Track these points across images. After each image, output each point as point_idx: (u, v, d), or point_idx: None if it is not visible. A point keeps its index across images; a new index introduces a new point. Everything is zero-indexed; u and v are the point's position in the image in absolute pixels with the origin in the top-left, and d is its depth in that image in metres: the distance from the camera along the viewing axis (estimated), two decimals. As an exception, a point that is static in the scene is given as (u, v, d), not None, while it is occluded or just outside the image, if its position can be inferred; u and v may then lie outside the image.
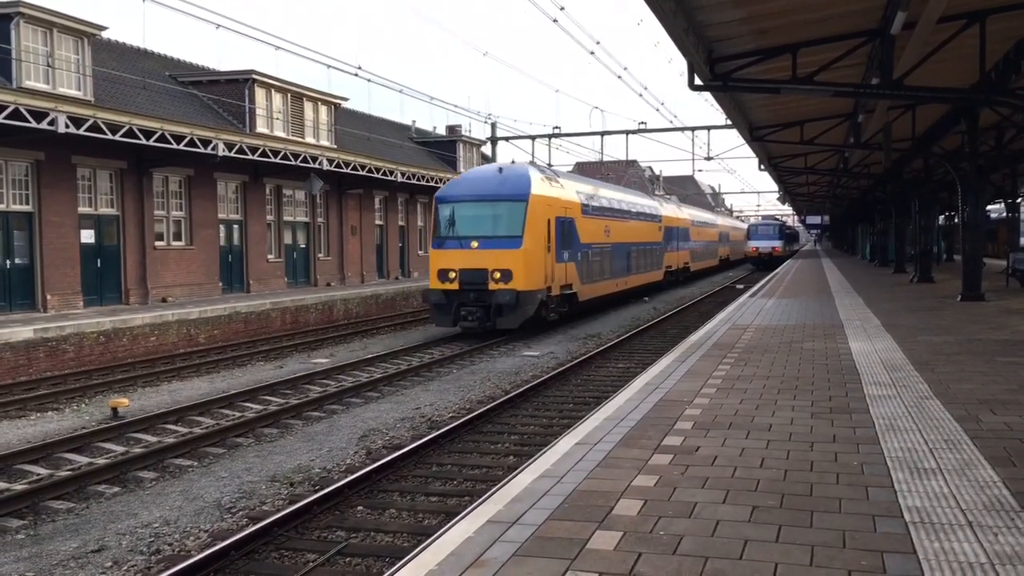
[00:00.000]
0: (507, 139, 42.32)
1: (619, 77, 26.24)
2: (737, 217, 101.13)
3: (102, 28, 23.24)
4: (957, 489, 5.11)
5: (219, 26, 18.60)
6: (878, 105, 18.58)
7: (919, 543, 4.25)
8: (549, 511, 4.94)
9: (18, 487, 9.14)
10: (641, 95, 30.00)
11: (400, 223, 38.25)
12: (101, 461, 10.21)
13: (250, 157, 24.82)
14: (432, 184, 34.80)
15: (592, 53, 23.38)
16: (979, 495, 4.99)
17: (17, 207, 20.39)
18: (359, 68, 22.64)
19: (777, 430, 6.82)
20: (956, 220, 40.73)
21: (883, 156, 23.25)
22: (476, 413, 11.90)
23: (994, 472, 5.43)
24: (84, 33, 22.48)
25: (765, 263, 61.84)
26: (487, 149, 45.18)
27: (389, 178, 32.34)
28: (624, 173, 67.37)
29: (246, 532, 7.27)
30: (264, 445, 10.93)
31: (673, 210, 41.57)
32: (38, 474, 9.85)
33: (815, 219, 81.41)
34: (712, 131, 39.21)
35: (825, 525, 4.57)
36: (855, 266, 43.27)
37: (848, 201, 54.20)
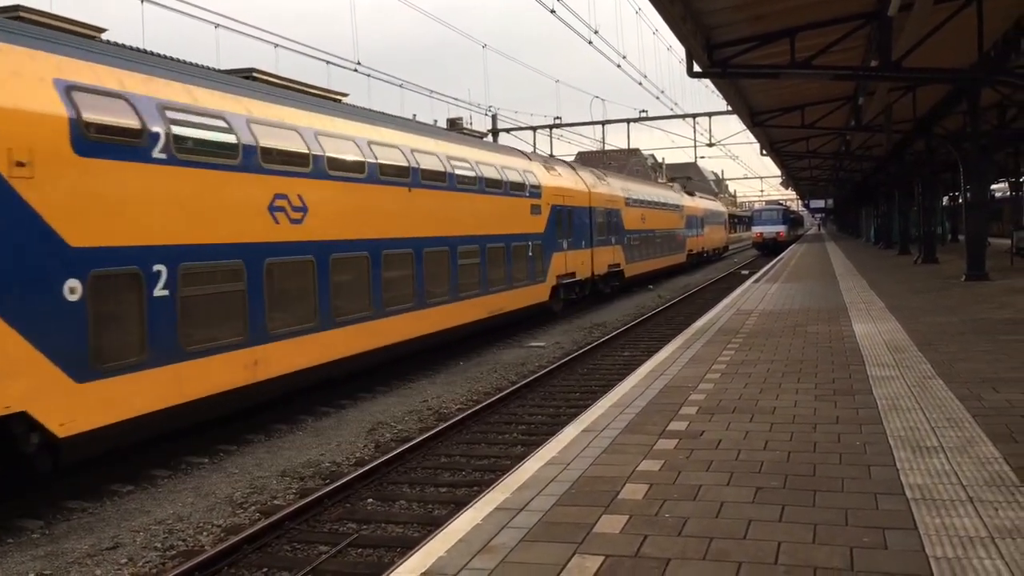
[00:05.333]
0: (508, 131, 42.28)
1: (618, 66, 26.23)
2: (719, 198, 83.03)
3: (102, 30, 23.21)
4: (959, 466, 5.17)
5: (218, 25, 18.62)
6: (878, 87, 18.58)
7: (920, 519, 4.31)
8: (556, 497, 5.01)
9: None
10: (641, 83, 30.00)
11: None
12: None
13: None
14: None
15: (591, 43, 23.32)
16: (980, 471, 5.05)
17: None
18: (358, 64, 22.61)
19: (781, 413, 6.89)
20: (960, 200, 40.67)
21: (885, 138, 23.25)
22: (483, 404, 11.98)
23: (995, 449, 5.49)
24: (83, 36, 22.54)
25: (770, 248, 61.86)
26: (488, 140, 45.17)
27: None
28: (626, 162, 67.36)
29: (258, 527, 7.37)
30: (274, 440, 11.02)
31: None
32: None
33: (819, 203, 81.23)
34: (713, 117, 39.19)
35: (827, 504, 4.64)
36: (860, 249, 43.24)
37: (851, 184, 54.14)
